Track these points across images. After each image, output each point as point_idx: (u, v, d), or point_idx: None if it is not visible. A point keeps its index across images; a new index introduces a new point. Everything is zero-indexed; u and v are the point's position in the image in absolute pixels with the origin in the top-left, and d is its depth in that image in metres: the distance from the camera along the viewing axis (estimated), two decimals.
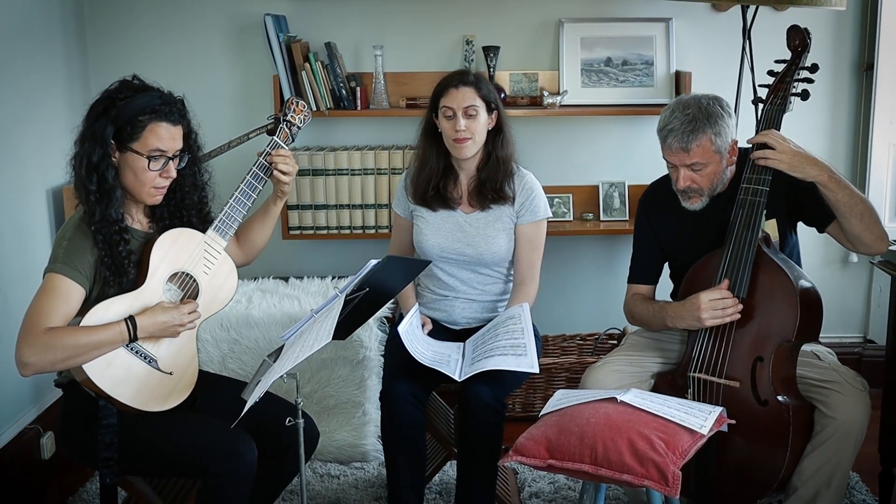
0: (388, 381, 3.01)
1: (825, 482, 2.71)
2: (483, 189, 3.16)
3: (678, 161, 2.84)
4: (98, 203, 2.48)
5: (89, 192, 2.48)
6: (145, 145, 2.50)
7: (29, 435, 3.56)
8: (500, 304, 3.27)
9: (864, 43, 4.17)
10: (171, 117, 2.53)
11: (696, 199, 2.90)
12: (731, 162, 2.89)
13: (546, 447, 2.43)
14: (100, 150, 2.47)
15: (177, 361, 2.58)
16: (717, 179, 2.87)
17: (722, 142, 2.81)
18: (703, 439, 2.42)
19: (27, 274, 3.41)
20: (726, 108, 2.84)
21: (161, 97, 2.53)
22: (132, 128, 2.48)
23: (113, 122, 2.47)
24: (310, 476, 3.57)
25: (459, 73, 3.16)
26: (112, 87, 2.54)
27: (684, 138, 2.79)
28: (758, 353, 2.77)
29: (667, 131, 2.82)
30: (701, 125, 2.78)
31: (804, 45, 2.90)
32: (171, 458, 2.55)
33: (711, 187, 2.88)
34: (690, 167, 2.83)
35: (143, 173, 2.52)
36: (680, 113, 2.81)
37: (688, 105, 2.82)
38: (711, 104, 2.82)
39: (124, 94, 2.50)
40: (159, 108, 2.50)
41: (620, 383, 2.87)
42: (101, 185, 2.48)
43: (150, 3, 4.15)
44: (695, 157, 2.81)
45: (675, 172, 2.88)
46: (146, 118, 2.49)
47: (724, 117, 2.82)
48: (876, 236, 2.80)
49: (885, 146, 4.15)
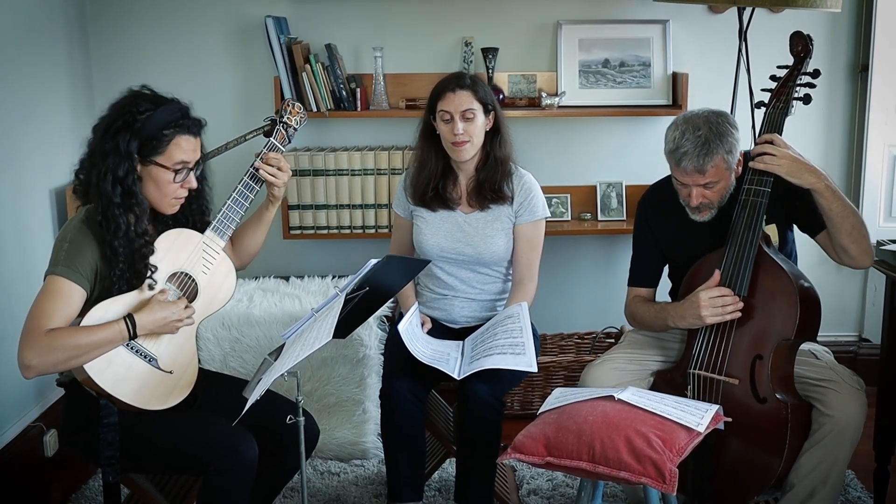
0: (388, 380, 3.00)
1: (821, 480, 2.71)
2: (482, 189, 3.16)
3: (692, 181, 2.82)
4: (123, 216, 2.47)
5: (114, 205, 2.46)
6: (170, 158, 2.50)
7: (32, 433, 3.55)
8: (499, 303, 3.26)
9: (859, 44, 4.16)
10: (192, 130, 2.54)
11: (707, 212, 2.90)
12: (738, 173, 2.89)
13: (544, 445, 2.43)
14: (126, 165, 2.46)
15: (177, 360, 2.58)
16: (726, 192, 2.87)
17: (733, 158, 2.81)
18: (700, 437, 2.42)
19: (30, 274, 3.40)
20: (733, 123, 2.83)
21: (180, 110, 2.53)
22: (157, 142, 2.48)
23: (137, 136, 2.46)
24: (310, 473, 3.57)
25: (456, 77, 3.14)
26: (125, 101, 2.52)
27: (699, 161, 2.76)
28: (757, 351, 2.77)
29: (680, 154, 2.78)
30: (714, 147, 2.76)
31: (807, 50, 2.91)
32: (173, 455, 2.54)
33: (721, 200, 2.88)
34: (703, 185, 2.83)
35: (167, 186, 2.52)
36: (692, 135, 2.77)
37: (698, 126, 2.78)
38: (721, 122, 2.79)
39: (144, 108, 2.48)
40: (182, 122, 2.51)
41: (620, 381, 2.87)
42: (125, 199, 2.47)
43: (152, 5, 4.14)
44: (709, 177, 2.79)
45: (686, 190, 2.85)
46: (171, 132, 2.49)
47: (733, 134, 2.80)
48: (862, 250, 2.80)
49: (880, 147, 4.15)
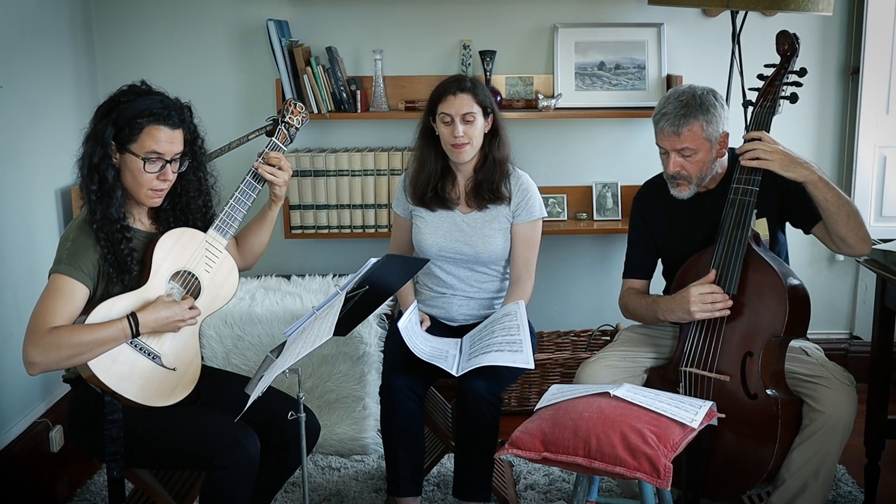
0: (388, 377, 3.00)
1: (813, 474, 2.72)
2: (480, 190, 3.16)
3: (669, 146, 2.85)
4: (99, 202, 2.47)
5: (91, 192, 2.47)
6: (142, 147, 2.48)
7: (38, 429, 3.56)
8: (497, 301, 3.26)
9: (850, 47, 4.17)
10: (169, 121, 2.51)
11: (685, 187, 2.90)
12: (720, 154, 2.89)
13: (541, 440, 2.43)
14: (101, 151, 2.46)
15: (180, 357, 2.58)
16: (705, 168, 2.87)
17: (713, 130, 2.82)
18: (694, 433, 2.42)
19: (35, 273, 3.41)
20: (720, 100, 2.87)
21: (162, 101, 2.52)
22: (130, 129, 2.47)
23: (114, 123, 2.47)
24: (311, 468, 3.57)
25: (456, 80, 3.14)
26: (119, 91, 2.54)
27: (676, 122, 2.80)
28: (747, 348, 2.77)
29: (660, 115, 2.85)
30: (693, 111, 2.80)
31: (793, 49, 2.90)
32: (176, 451, 2.54)
33: (700, 176, 2.88)
34: (681, 152, 2.84)
35: (140, 175, 2.50)
36: (674, 100, 2.84)
37: (683, 93, 2.85)
38: (706, 94, 2.84)
39: (127, 98, 2.49)
40: (158, 111, 2.49)
41: (614, 378, 2.87)
42: (101, 185, 2.47)
43: (157, 9, 4.14)
44: (685, 141, 2.81)
45: (666, 158, 2.89)
46: (144, 120, 2.48)
47: (717, 107, 2.83)
48: (860, 238, 2.80)
49: (871, 148, 4.15)
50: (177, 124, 2.53)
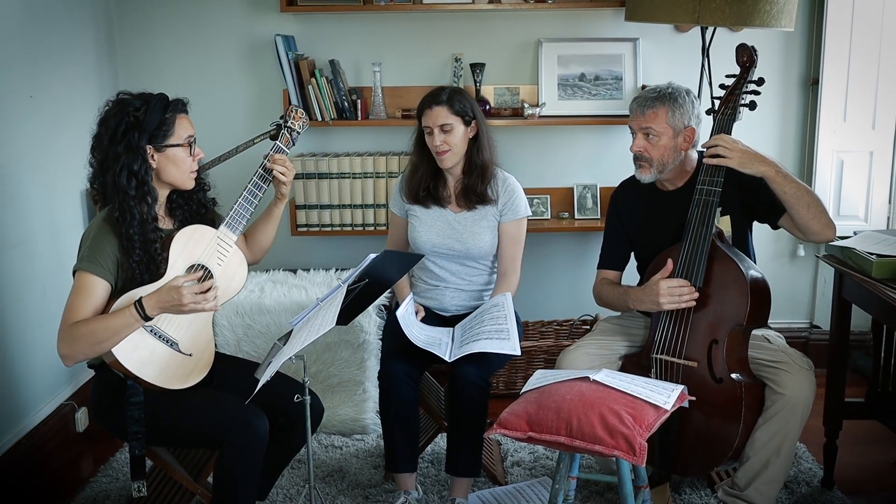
0: (386, 362, 3.01)
1: (775, 451, 2.73)
2: (467, 193, 3.16)
3: (636, 125, 2.90)
4: (137, 206, 2.47)
5: (128, 197, 2.46)
6: (180, 136, 2.53)
7: (65, 410, 3.56)
8: (486, 293, 3.27)
9: (810, 60, 4.17)
10: (183, 109, 2.58)
11: (646, 170, 2.93)
12: (684, 147, 2.90)
13: (526, 421, 2.44)
14: (139, 158, 2.47)
15: (196, 344, 2.58)
16: (667, 155, 2.89)
17: (678, 120, 2.86)
18: (667, 414, 2.43)
19: (62, 269, 3.40)
20: (692, 98, 2.91)
21: (164, 97, 2.55)
22: (164, 127, 2.50)
23: (145, 130, 2.47)
24: (315, 447, 3.57)
25: (432, 94, 3.12)
26: (115, 110, 2.49)
27: (644, 104, 2.88)
28: (713, 336, 2.78)
29: (634, 100, 2.93)
30: (662, 98, 2.87)
31: (751, 61, 2.92)
32: (192, 430, 2.55)
33: (661, 161, 2.90)
34: (645, 134, 2.87)
35: (184, 161, 2.55)
36: (651, 90, 2.91)
37: (659, 86, 2.93)
38: (679, 90, 2.91)
39: (137, 106, 2.48)
40: (173, 104, 2.54)
41: (591, 364, 2.88)
42: (140, 189, 2.47)
43: (175, 21, 4.13)
44: (649, 121, 2.86)
45: (634, 139, 2.93)
46: (170, 115, 2.52)
47: (686, 103, 2.88)
48: (823, 224, 2.80)
49: (830, 154, 4.15)
50: (186, 110, 2.60)
